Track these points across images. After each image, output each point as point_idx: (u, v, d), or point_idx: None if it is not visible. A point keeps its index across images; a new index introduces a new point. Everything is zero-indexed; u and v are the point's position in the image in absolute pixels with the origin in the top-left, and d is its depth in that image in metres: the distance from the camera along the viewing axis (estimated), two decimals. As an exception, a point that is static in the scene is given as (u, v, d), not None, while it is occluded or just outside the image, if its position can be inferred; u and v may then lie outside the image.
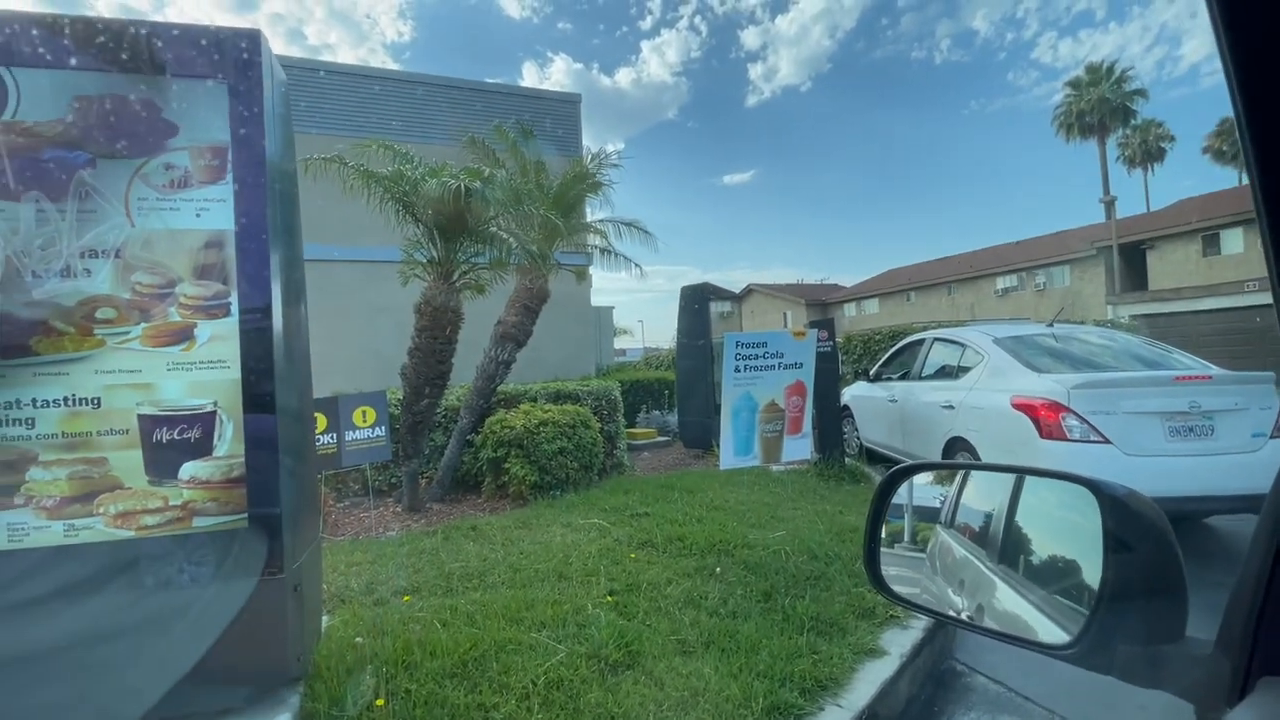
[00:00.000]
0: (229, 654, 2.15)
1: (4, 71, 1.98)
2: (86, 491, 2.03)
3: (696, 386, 8.74)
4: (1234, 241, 21.37)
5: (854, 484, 6.17)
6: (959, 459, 5.20)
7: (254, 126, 2.18)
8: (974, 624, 0.97)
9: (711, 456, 7.67)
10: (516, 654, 2.67)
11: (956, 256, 35.46)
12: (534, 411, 6.19)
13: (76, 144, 2.04)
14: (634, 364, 20.42)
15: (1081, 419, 4.17)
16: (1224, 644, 0.60)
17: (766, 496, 5.49)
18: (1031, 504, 1.03)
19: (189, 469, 2.11)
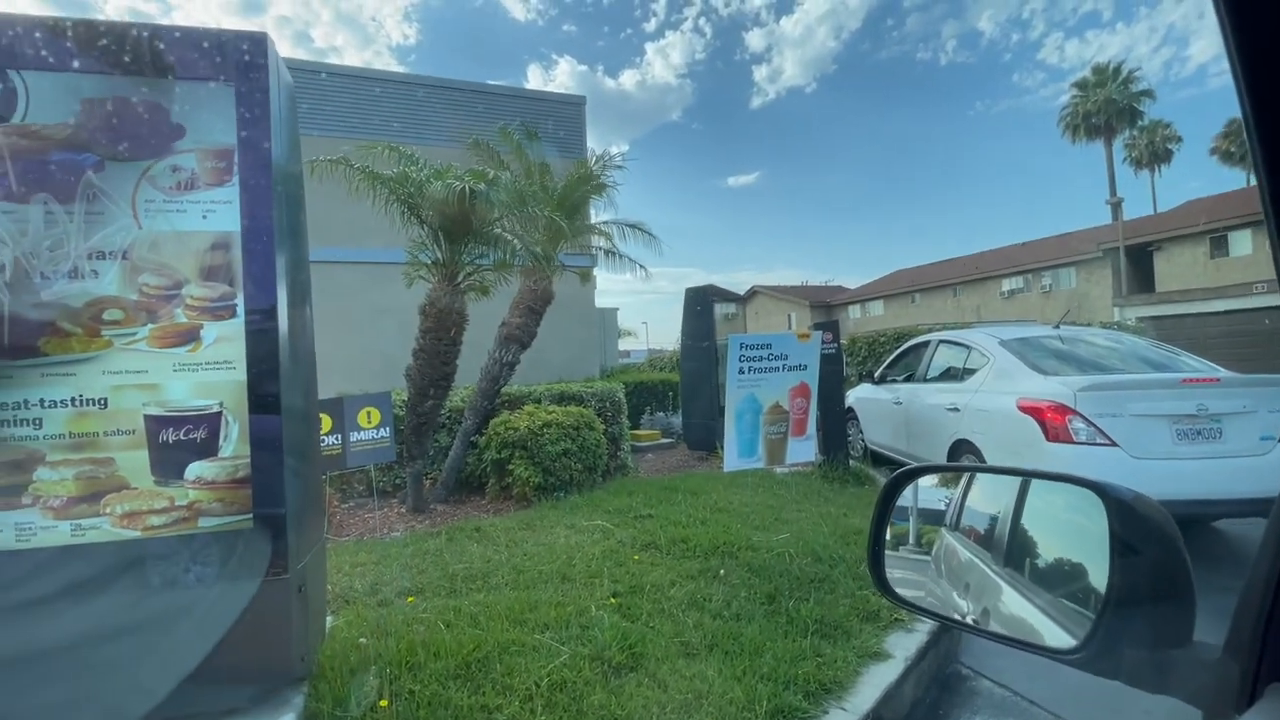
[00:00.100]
0: (233, 654, 2.16)
1: (15, 75, 2.00)
2: (93, 491, 2.04)
3: (701, 388, 8.74)
4: (1242, 243, 21.23)
5: (858, 486, 6.15)
6: (964, 462, 5.18)
7: (260, 129, 2.20)
8: (979, 628, 0.97)
9: (715, 458, 7.66)
10: (520, 655, 2.67)
11: (962, 258, 35.35)
12: (538, 413, 6.19)
13: (84, 146, 2.06)
14: (638, 366, 20.43)
15: (1088, 421, 4.15)
16: (1232, 649, 0.59)
17: (770, 499, 5.47)
18: (1037, 507, 1.02)
19: (195, 469, 2.12)
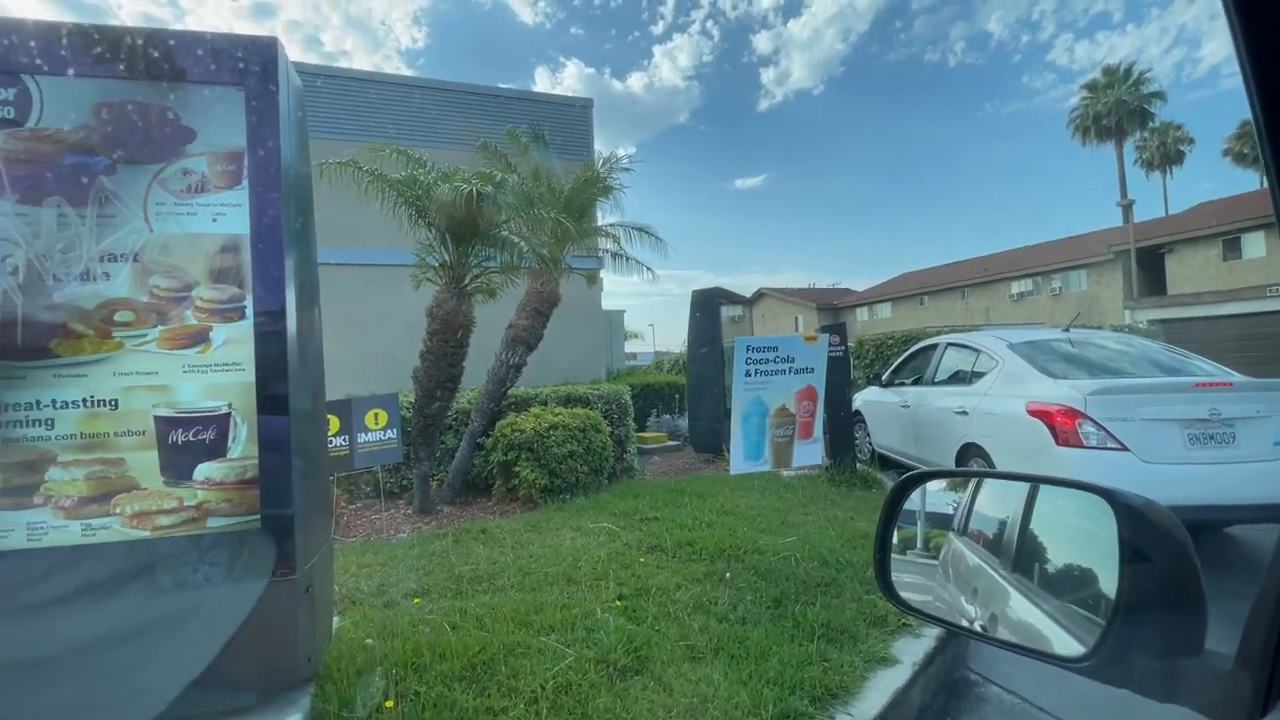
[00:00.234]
0: (241, 654, 2.17)
1: (29, 80, 2.02)
2: (104, 492, 2.06)
3: (707, 391, 8.72)
4: (1255, 245, 21.01)
5: (865, 490, 6.12)
6: (972, 465, 5.14)
7: (270, 132, 2.21)
8: (987, 634, 0.96)
9: (722, 461, 7.64)
10: (525, 658, 2.67)
11: (970, 260, 35.15)
12: (544, 415, 6.20)
13: (97, 150, 2.08)
14: (644, 368, 20.43)
15: (1098, 425, 4.11)
16: (1244, 658, 0.58)
17: (777, 502, 5.45)
18: (1046, 512, 1.01)
19: (204, 470, 2.14)
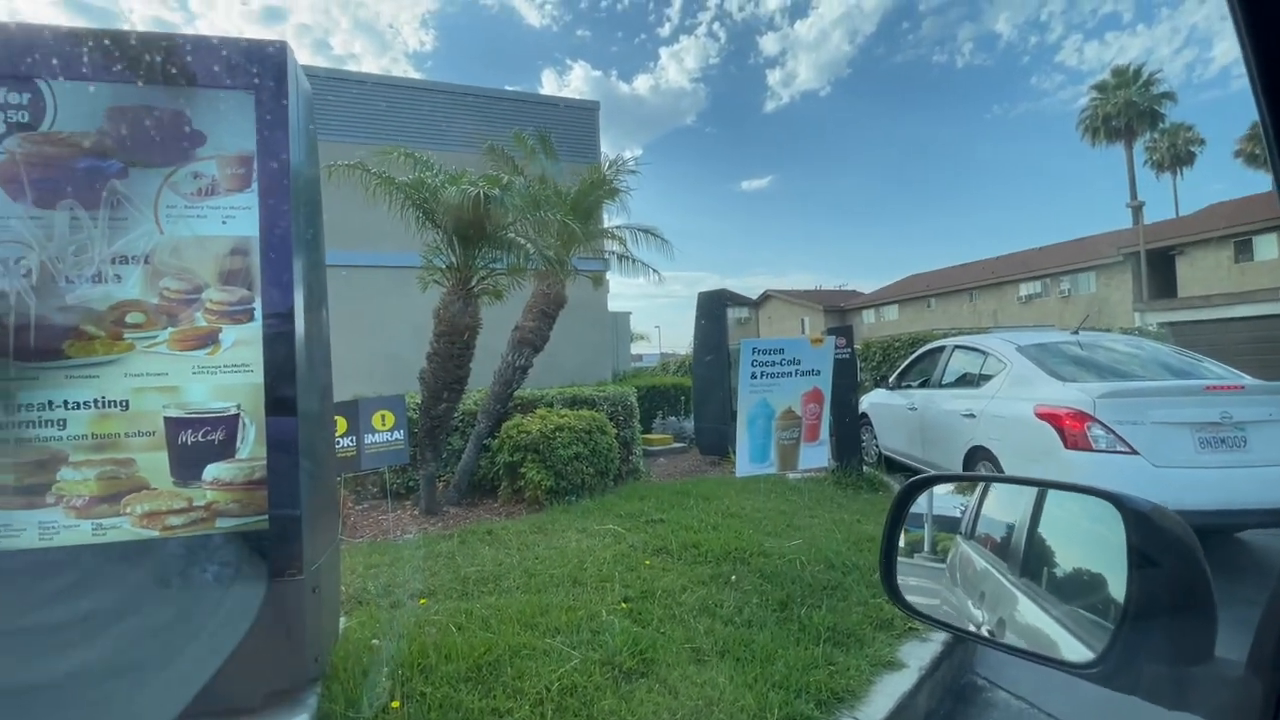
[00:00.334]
0: (248, 654, 2.18)
1: (43, 85, 2.05)
2: (114, 492, 2.08)
3: (713, 393, 8.71)
4: (1268, 247, 20.80)
5: (872, 493, 6.10)
6: (980, 469, 5.11)
7: (279, 136, 2.23)
8: (994, 640, 0.95)
9: (728, 463, 7.63)
10: (530, 659, 2.68)
11: (979, 262, 34.98)
12: (550, 417, 6.21)
13: (109, 154, 2.10)
14: (650, 369, 20.43)
15: (1107, 429, 4.08)
16: (1255, 665, 0.58)
17: (783, 504, 5.44)
18: (1055, 516, 1.01)
19: (213, 471, 2.16)
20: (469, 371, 6.01)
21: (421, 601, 3.39)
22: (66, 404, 2.04)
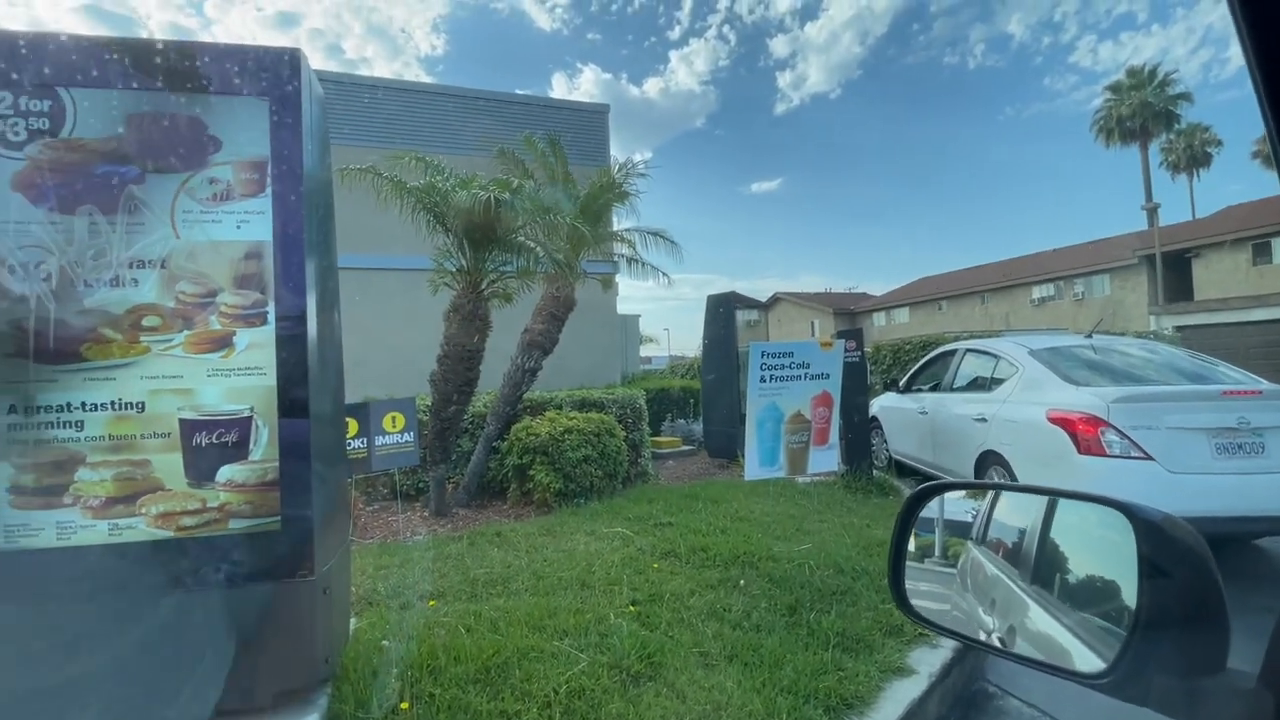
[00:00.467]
0: (259, 654, 2.20)
1: (64, 92, 2.09)
2: (130, 492, 2.11)
3: (722, 396, 8.70)
4: (1287, 250, 20.49)
5: (882, 497, 6.06)
6: (991, 474, 5.07)
7: (293, 141, 2.26)
8: (1004, 649, 0.95)
9: (736, 466, 7.61)
10: (539, 662, 2.68)
11: (991, 265, 34.70)
12: (559, 419, 6.23)
13: (127, 159, 2.14)
14: (659, 372, 20.44)
15: (1122, 434, 4.03)
16: (1268, 677, 0.57)
17: (792, 508, 5.42)
18: (1067, 522, 1.00)
19: (226, 472, 2.18)
20: (478, 374, 6.04)
21: (431, 603, 3.41)
22: (84, 406, 2.08)
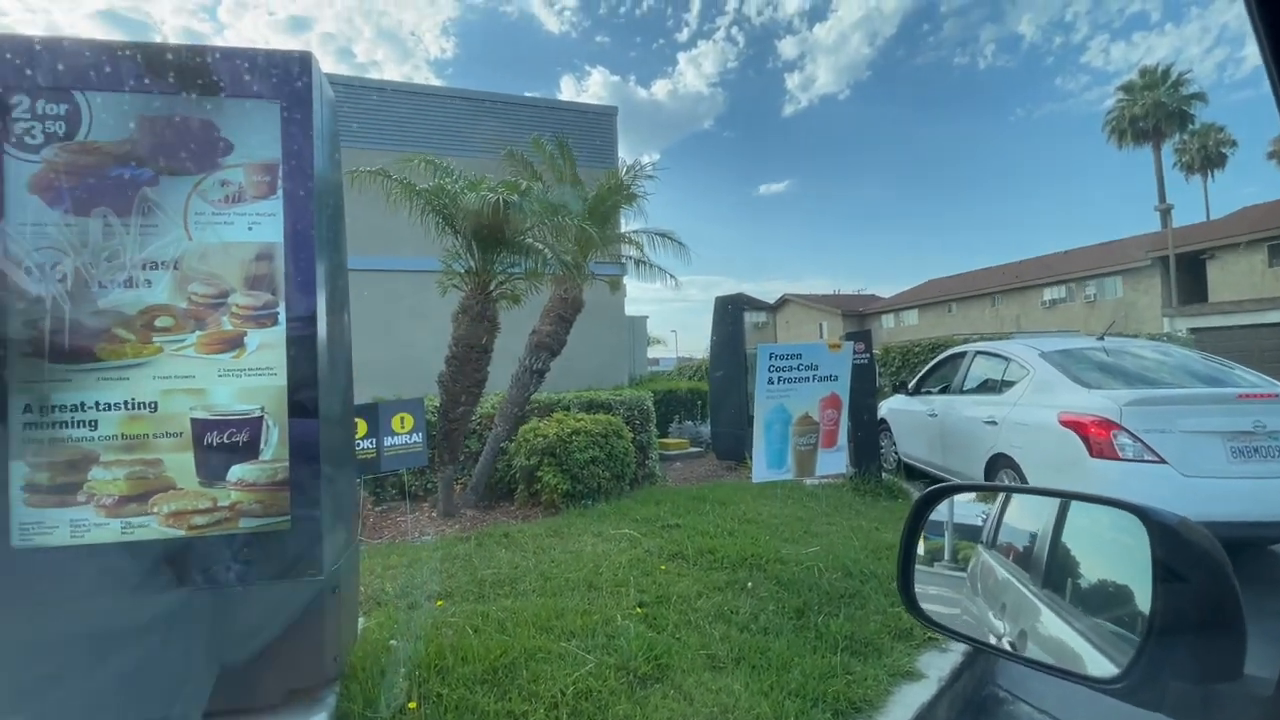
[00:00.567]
0: (269, 652, 2.22)
1: (79, 96, 2.12)
2: (142, 491, 2.13)
3: (730, 397, 8.68)
4: (1303, 251, 20.21)
5: (891, 500, 6.02)
6: (1002, 477, 5.03)
7: (304, 144, 2.28)
8: (1015, 653, 0.94)
9: (744, 468, 7.59)
10: (546, 663, 2.68)
11: (1001, 267, 34.45)
12: (567, 420, 6.24)
13: (141, 162, 2.16)
14: (667, 374, 20.42)
15: (1135, 437, 3.99)
16: (1287, 684, 0.56)
17: (800, 511, 5.40)
18: (1080, 526, 0.99)
19: (237, 472, 2.20)
20: (487, 375, 6.06)
21: (439, 603, 3.42)
22: (98, 405, 2.10)
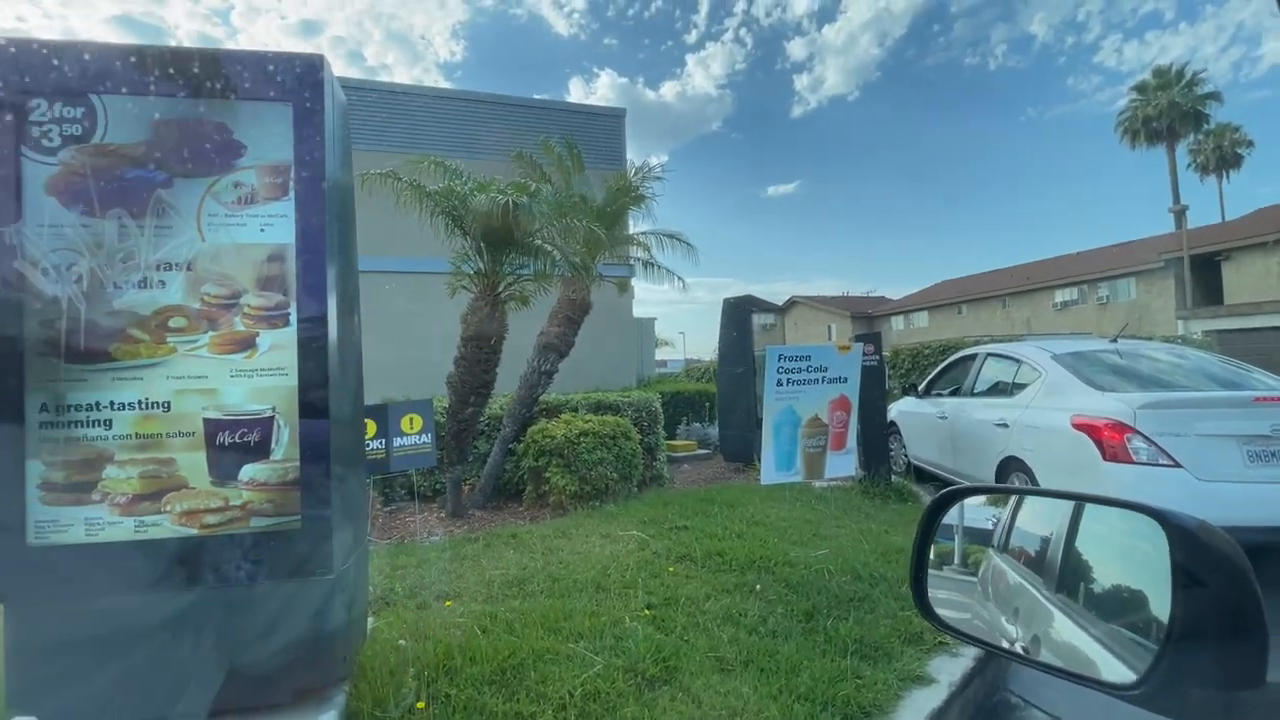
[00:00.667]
0: (279, 651, 2.23)
1: (95, 99, 2.14)
2: (156, 490, 2.15)
3: (738, 399, 8.66)
4: (1322, 253, 19.92)
5: (900, 503, 5.98)
6: (1013, 480, 4.98)
7: (315, 146, 2.29)
8: (1030, 657, 0.93)
9: (752, 470, 7.57)
10: (554, 664, 2.68)
11: (1012, 268, 34.19)
12: (575, 421, 6.24)
13: (156, 164, 2.19)
14: (675, 375, 20.41)
15: (1149, 440, 3.94)
16: (1311, 692, 0.55)
17: (809, 513, 5.37)
18: (1094, 530, 0.98)
19: (248, 471, 2.21)
20: (495, 376, 6.08)
21: (447, 604, 3.43)
22: (113, 405, 2.12)
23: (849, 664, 2.75)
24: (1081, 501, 0.98)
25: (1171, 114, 30.69)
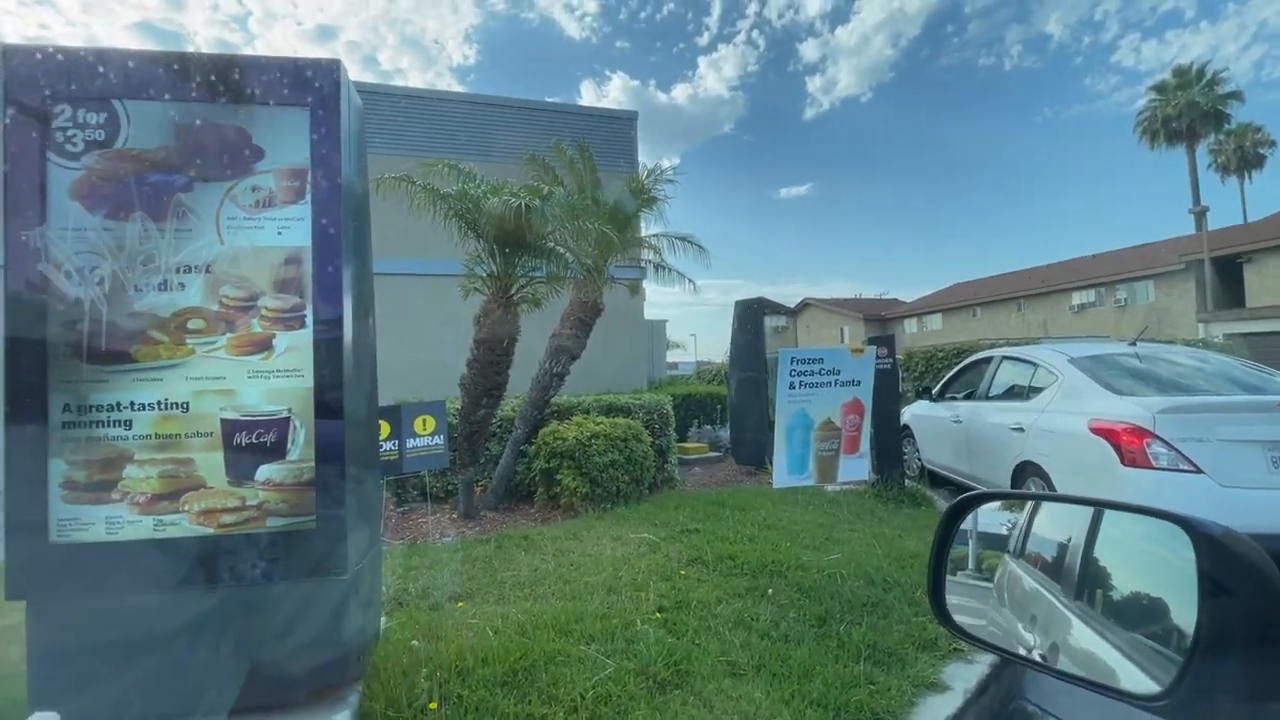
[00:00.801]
0: (293, 650, 2.25)
1: (118, 104, 2.18)
2: (174, 489, 2.18)
3: (750, 402, 8.62)
4: (1348, 254, 19.48)
5: (914, 507, 5.92)
6: (1029, 485, 4.92)
7: (332, 150, 2.32)
8: (1048, 665, 0.91)
9: (764, 474, 7.53)
10: (565, 666, 2.68)
11: (1027, 270, 33.79)
12: (586, 424, 6.25)
13: (176, 168, 2.22)
14: (686, 378, 20.38)
15: (1169, 446, 3.87)
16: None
17: (821, 517, 5.33)
18: (1114, 536, 0.96)
19: (265, 471, 2.24)
20: (507, 378, 6.10)
21: (459, 605, 3.44)
22: (133, 405, 2.16)
23: (862, 670, 2.72)
24: (1101, 507, 0.97)
25: (1191, 114, 30.23)
